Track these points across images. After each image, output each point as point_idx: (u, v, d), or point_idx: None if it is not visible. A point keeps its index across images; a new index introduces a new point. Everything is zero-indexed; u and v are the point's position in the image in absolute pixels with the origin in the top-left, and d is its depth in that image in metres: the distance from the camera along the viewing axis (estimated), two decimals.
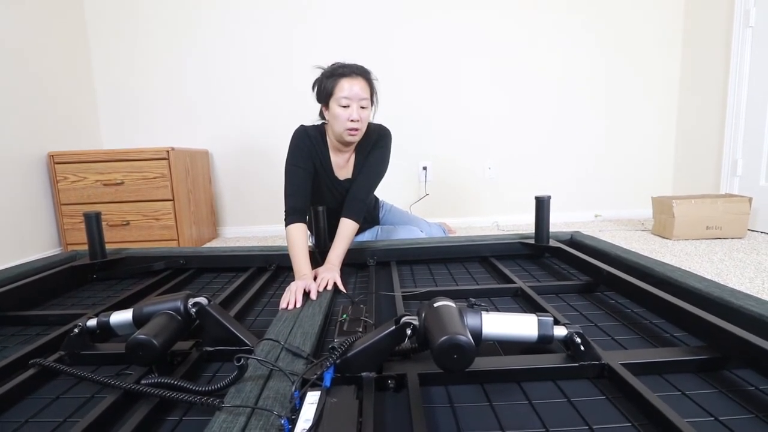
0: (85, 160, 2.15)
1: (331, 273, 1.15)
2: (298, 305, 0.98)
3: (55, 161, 2.14)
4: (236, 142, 2.66)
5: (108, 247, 1.47)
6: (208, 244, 2.51)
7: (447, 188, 2.73)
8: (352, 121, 1.26)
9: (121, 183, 2.17)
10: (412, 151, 2.67)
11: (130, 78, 2.60)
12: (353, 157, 1.44)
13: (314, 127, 1.41)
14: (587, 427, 0.57)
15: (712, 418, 0.57)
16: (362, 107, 1.27)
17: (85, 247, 1.43)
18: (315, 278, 1.13)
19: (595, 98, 2.66)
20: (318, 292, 1.05)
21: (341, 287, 1.14)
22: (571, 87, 2.65)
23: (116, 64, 2.58)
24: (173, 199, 2.20)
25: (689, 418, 0.57)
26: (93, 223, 1.37)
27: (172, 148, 2.17)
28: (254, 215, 2.73)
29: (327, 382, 0.61)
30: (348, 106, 1.26)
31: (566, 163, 2.72)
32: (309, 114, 1.49)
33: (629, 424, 0.57)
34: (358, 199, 1.34)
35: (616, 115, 2.68)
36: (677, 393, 0.64)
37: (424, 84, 2.63)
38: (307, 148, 1.36)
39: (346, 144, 1.36)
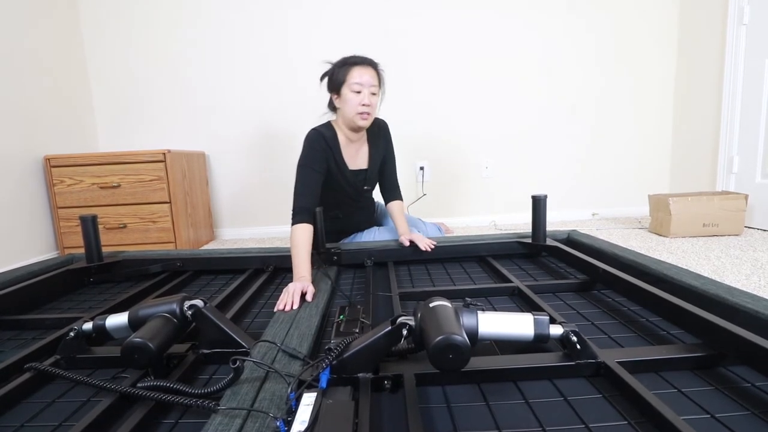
0: (82, 163, 2.14)
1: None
2: (295, 307, 0.98)
3: (51, 164, 2.13)
4: (233, 143, 2.65)
5: (105, 250, 1.46)
6: (205, 246, 2.51)
7: (444, 188, 2.73)
8: (363, 105, 1.37)
9: (118, 186, 2.16)
10: (409, 152, 2.67)
11: (126, 80, 2.59)
12: (364, 146, 1.55)
13: (324, 126, 1.47)
14: (584, 426, 0.57)
15: (709, 416, 0.57)
16: (373, 93, 1.39)
17: (82, 251, 1.42)
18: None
19: (592, 97, 2.66)
20: (314, 294, 1.05)
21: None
22: (567, 85, 2.65)
23: (112, 67, 2.58)
24: (170, 202, 2.19)
25: (686, 416, 0.57)
26: (89, 226, 1.37)
27: (169, 151, 2.16)
28: (251, 217, 2.72)
29: (323, 383, 0.61)
30: (360, 92, 1.37)
31: (563, 161, 2.72)
32: (307, 116, 1.49)
33: (626, 422, 0.57)
34: (395, 185, 1.66)
35: (612, 113, 2.68)
36: (674, 391, 0.64)
37: (422, 84, 2.62)
38: (322, 149, 1.42)
39: (357, 130, 1.45)
